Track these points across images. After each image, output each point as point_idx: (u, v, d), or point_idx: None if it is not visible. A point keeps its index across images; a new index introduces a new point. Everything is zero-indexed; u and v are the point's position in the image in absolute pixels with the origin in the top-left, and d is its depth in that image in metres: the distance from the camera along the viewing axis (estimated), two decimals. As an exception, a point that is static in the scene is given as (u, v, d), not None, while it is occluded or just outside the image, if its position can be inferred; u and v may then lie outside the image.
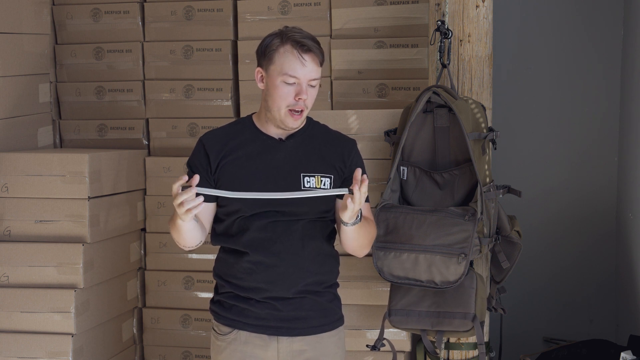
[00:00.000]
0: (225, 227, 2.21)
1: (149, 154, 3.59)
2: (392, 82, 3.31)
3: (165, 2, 3.55)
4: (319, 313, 2.21)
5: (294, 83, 2.10)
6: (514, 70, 3.69)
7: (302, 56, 2.09)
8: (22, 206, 3.07)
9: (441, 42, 2.66)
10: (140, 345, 3.52)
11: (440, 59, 2.68)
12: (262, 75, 2.17)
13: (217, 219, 2.24)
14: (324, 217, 2.20)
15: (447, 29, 2.66)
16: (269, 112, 2.16)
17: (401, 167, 2.62)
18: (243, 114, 3.47)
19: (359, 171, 1.96)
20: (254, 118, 2.26)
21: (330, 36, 3.39)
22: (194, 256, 3.43)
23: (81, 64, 3.65)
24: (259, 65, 2.18)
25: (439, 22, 2.65)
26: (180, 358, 3.46)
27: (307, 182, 2.16)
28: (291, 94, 2.10)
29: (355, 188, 1.94)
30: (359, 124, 2.91)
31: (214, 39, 3.52)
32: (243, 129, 2.23)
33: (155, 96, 3.58)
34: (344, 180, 2.22)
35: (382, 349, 2.68)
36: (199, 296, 3.42)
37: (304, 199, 2.12)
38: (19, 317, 3.00)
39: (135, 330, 3.49)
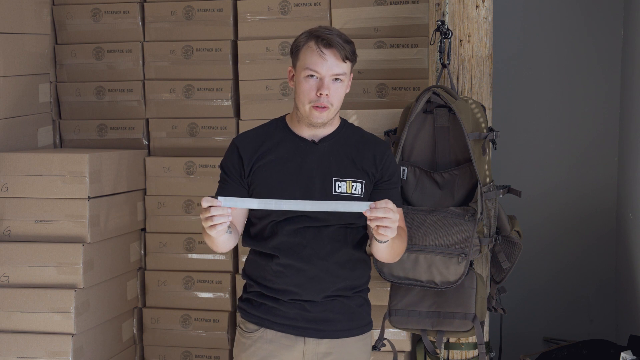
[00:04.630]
0: (257, 231, 2.20)
1: (149, 154, 3.59)
2: (392, 82, 3.31)
3: (165, 2, 3.55)
4: (347, 316, 2.21)
5: (315, 77, 2.08)
6: (514, 70, 3.69)
7: (321, 50, 2.07)
8: (22, 206, 3.07)
9: (441, 42, 2.66)
10: (140, 345, 3.52)
11: (440, 59, 2.68)
12: (293, 74, 2.17)
13: (249, 222, 2.24)
14: (354, 224, 2.18)
15: (447, 29, 2.66)
16: (298, 110, 2.15)
17: (401, 167, 2.62)
18: (243, 114, 3.47)
19: (383, 202, 1.95)
20: (287, 119, 2.24)
21: (330, 36, 3.39)
22: (194, 256, 3.43)
23: (81, 64, 3.65)
24: (292, 64, 2.18)
25: (439, 22, 2.65)
26: (180, 358, 3.46)
27: (339, 187, 2.15)
28: (313, 89, 2.08)
29: (368, 213, 1.93)
30: (359, 124, 2.90)
31: (214, 39, 3.52)
32: (275, 130, 2.22)
33: (155, 96, 3.58)
34: (376, 184, 2.21)
35: (382, 348, 2.68)
36: (199, 296, 3.42)
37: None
38: (19, 317, 3.00)
39: (135, 330, 3.49)
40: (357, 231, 2.21)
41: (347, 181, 2.16)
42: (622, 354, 2.58)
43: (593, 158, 3.67)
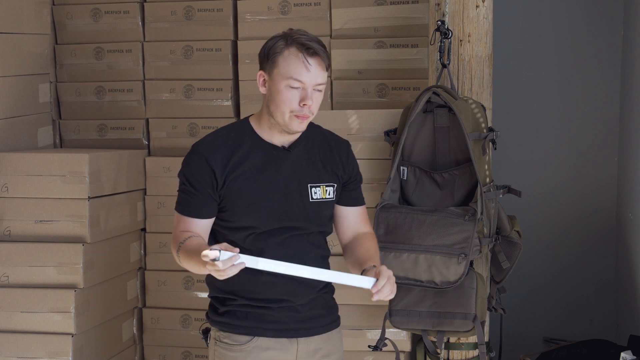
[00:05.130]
0: (232, 242, 2.07)
1: (149, 154, 3.59)
2: (392, 82, 3.31)
3: (165, 2, 3.55)
4: (328, 310, 2.23)
5: (299, 88, 2.01)
6: (514, 70, 3.69)
7: (307, 60, 2.00)
8: (22, 206, 3.07)
9: (441, 42, 2.66)
10: (140, 345, 3.52)
11: (440, 59, 2.68)
12: (264, 79, 2.08)
13: (216, 232, 2.15)
14: (327, 224, 2.20)
15: (447, 29, 2.66)
16: (272, 117, 2.07)
17: (401, 167, 2.62)
18: (243, 114, 3.47)
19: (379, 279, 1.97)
20: (253, 124, 2.15)
21: (330, 36, 3.39)
22: (194, 256, 3.42)
23: (81, 64, 3.65)
24: (262, 68, 2.09)
25: (439, 22, 2.65)
26: (180, 358, 3.46)
27: (315, 193, 2.13)
28: (295, 99, 2.01)
29: (374, 290, 1.96)
30: (359, 124, 2.91)
31: (214, 39, 3.51)
32: (244, 138, 2.13)
33: (155, 96, 3.58)
34: (344, 185, 2.21)
35: (383, 348, 2.69)
36: (199, 296, 3.42)
37: (311, 216, 2.11)
38: (19, 317, 3.00)
39: (135, 330, 3.49)
40: (327, 231, 2.23)
41: (321, 186, 2.15)
42: (622, 354, 2.58)
43: (593, 158, 3.67)
